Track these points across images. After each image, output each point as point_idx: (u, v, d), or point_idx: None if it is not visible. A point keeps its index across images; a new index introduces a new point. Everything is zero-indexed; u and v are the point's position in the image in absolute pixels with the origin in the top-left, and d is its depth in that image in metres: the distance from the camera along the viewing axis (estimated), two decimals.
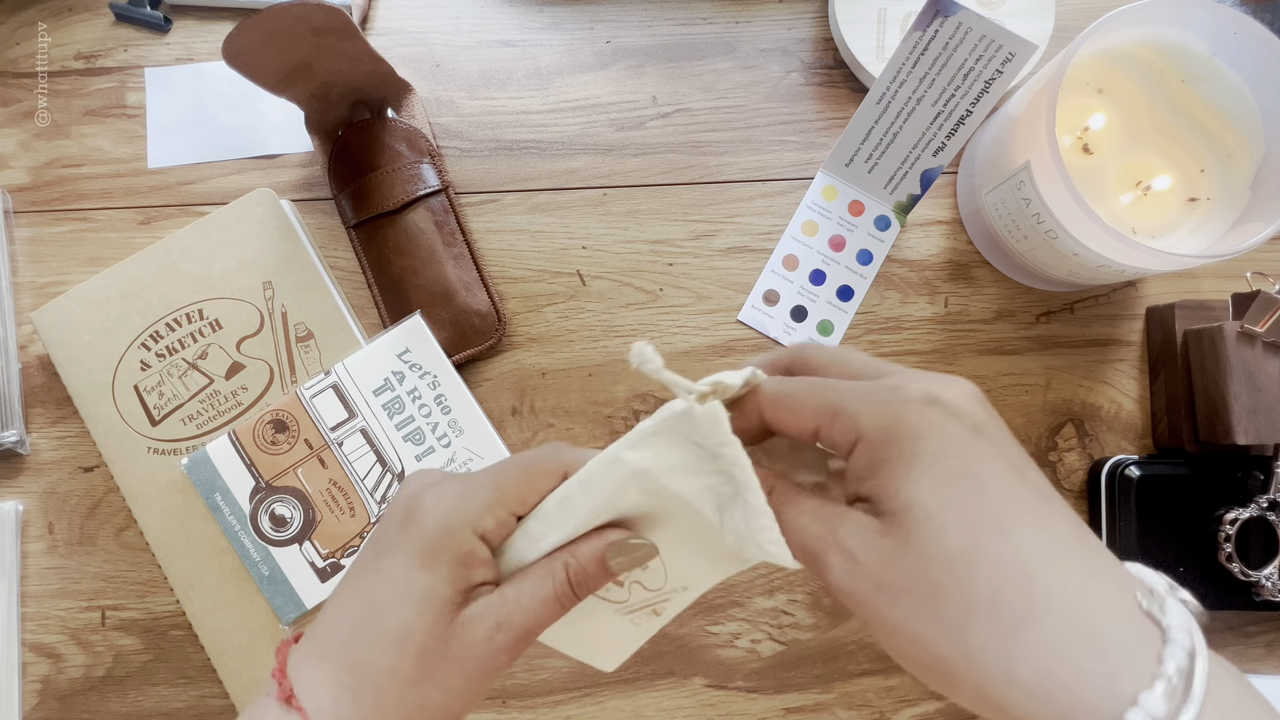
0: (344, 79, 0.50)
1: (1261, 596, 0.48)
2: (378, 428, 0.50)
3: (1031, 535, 0.22)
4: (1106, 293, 0.53)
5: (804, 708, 0.50)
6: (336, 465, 0.49)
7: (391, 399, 0.50)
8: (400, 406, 0.50)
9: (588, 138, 0.54)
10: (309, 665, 0.29)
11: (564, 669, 0.51)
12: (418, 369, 0.50)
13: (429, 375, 0.50)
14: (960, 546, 0.22)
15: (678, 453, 0.28)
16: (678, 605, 0.35)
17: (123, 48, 0.55)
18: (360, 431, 0.50)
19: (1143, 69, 0.47)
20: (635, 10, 0.56)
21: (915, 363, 0.53)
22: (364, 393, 0.50)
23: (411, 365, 0.50)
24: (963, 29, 0.45)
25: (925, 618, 0.22)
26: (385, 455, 0.50)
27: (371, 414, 0.50)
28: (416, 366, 0.50)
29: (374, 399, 0.50)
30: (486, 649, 0.28)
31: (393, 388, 0.50)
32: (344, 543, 0.49)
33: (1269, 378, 0.46)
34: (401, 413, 0.50)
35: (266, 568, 0.49)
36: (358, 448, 0.49)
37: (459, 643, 0.28)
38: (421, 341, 0.50)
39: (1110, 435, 0.52)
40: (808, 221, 0.54)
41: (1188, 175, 0.47)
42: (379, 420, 0.50)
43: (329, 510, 0.49)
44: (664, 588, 0.35)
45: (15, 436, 0.51)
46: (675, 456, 0.28)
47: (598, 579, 0.30)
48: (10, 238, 0.53)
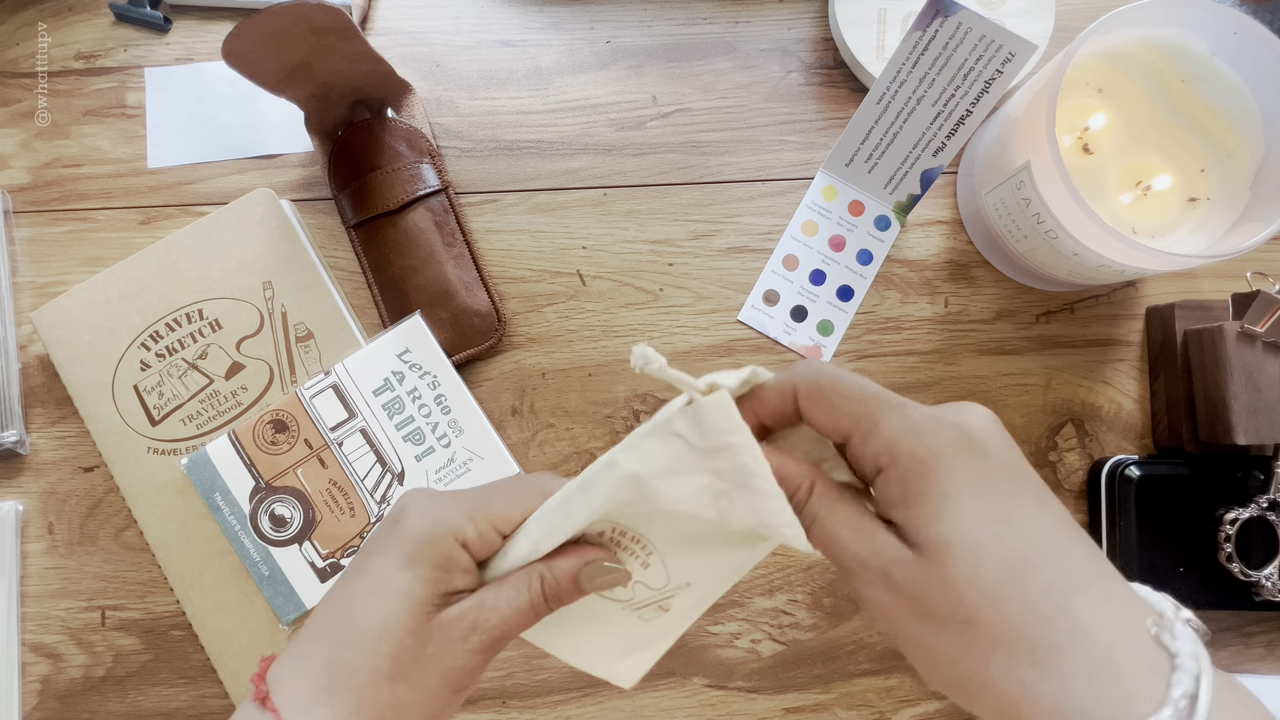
0: (344, 79, 0.50)
1: (1261, 596, 0.47)
2: (377, 428, 0.50)
3: (1056, 571, 0.24)
4: (1106, 293, 0.53)
5: (804, 708, 0.50)
6: (336, 465, 0.49)
7: (391, 399, 0.50)
8: (400, 406, 0.50)
9: (588, 138, 0.54)
10: (291, 667, 0.29)
11: (564, 669, 0.50)
12: (417, 369, 0.50)
13: (429, 375, 0.50)
14: (993, 585, 0.23)
15: (668, 455, 0.29)
16: (686, 605, 0.35)
17: (123, 48, 0.55)
18: (360, 431, 0.50)
19: (1143, 69, 0.47)
20: (635, 10, 0.56)
21: (915, 362, 0.53)
22: (364, 392, 0.50)
23: (411, 365, 0.50)
24: (963, 29, 0.45)
25: (954, 644, 0.24)
26: (385, 455, 0.49)
27: (371, 414, 0.50)
28: (416, 366, 0.50)
29: (374, 399, 0.50)
30: (461, 649, 0.29)
31: (392, 388, 0.50)
32: (344, 543, 0.49)
33: (1269, 378, 0.46)
34: (401, 412, 0.50)
35: (266, 568, 0.48)
36: (357, 448, 0.49)
37: (434, 643, 0.29)
38: (421, 341, 0.50)
39: (1110, 435, 0.52)
40: (808, 221, 0.54)
41: (1188, 175, 0.47)
42: (379, 420, 0.50)
43: (329, 510, 0.49)
44: (667, 585, 0.36)
45: (15, 436, 0.51)
46: (666, 459, 0.29)
47: (570, 594, 0.31)
48: (10, 238, 0.53)
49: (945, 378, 0.53)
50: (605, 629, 0.38)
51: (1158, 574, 0.48)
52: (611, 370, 0.52)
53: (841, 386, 0.26)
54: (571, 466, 0.52)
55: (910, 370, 0.53)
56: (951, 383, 0.53)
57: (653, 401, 0.52)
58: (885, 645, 0.51)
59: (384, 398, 0.50)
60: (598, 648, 0.38)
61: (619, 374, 0.52)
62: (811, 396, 0.27)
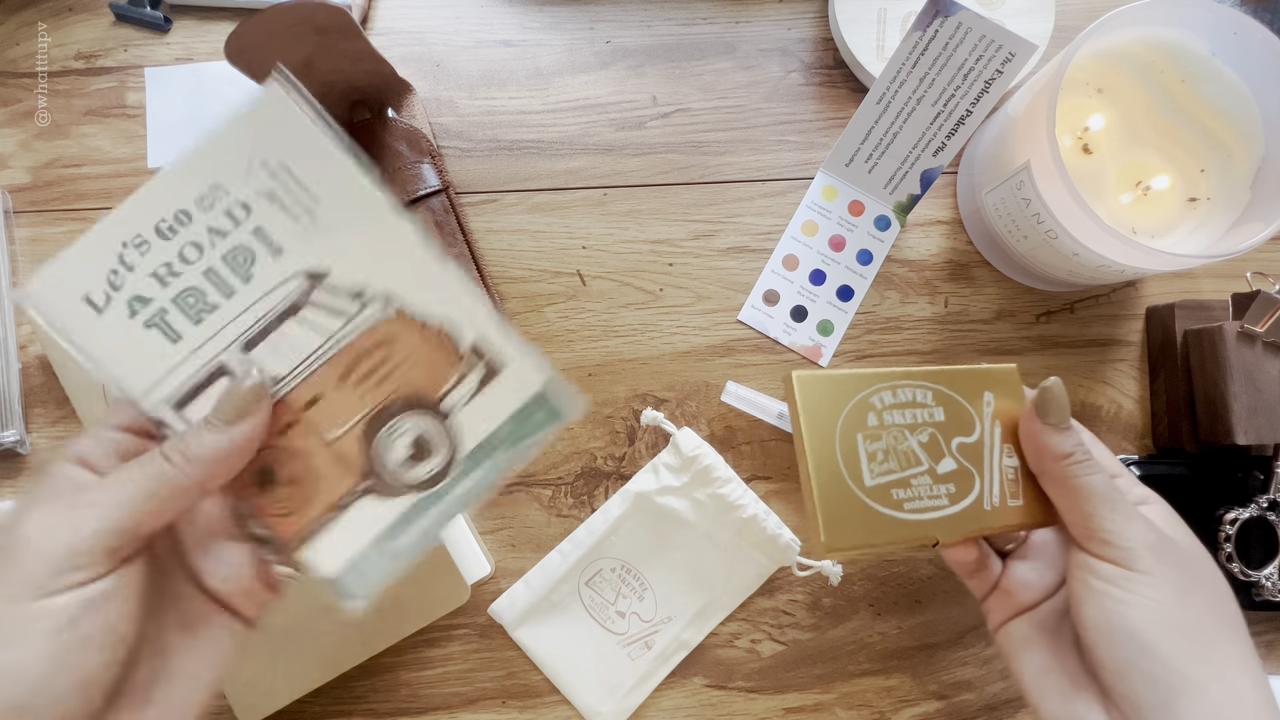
0: (344, 79, 0.50)
1: (1262, 596, 0.48)
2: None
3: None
4: (1106, 293, 0.53)
5: (804, 708, 0.50)
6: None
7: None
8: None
9: (588, 138, 0.54)
10: None
11: None
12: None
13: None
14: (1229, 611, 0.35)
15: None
16: (666, 641, 0.42)
17: (123, 48, 0.55)
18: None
19: (1142, 69, 0.47)
20: (635, 10, 0.56)
21: (915, 362, 0.53)
22: None
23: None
24: (963, 29, 0.45)
25: (1203, 608, 0.33)
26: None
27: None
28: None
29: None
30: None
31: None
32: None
33: (1269, 378, 0.46)
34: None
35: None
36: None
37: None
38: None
39: (1110, 435, 0.52)
40: (808, 221, 0.54)
41: (1187, 175, 0.47)
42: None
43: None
44: (654, 619, 0.43)
45: (15, 436, 0.51)
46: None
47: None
48: (10, 238, 0.53)
49: None
50: (600, 664, 0.45)
51: None
52: (611, 370, 0.52)
53: (1100, 479, 0.35)
54: (571, 466, 0.52)
55: None
56: None
57: (652, 400, 0.52)
58: (885, 645, 0.51)
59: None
60: (589, 684, 0.45)
61: (619, 374, 0.52)
62: (1061, 473, 0.35)
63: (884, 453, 0.35)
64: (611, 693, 0.47)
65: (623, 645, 0.47)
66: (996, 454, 0.36)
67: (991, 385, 0.37)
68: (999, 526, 0.36)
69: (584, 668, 0.47)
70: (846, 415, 0.34)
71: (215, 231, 0.28)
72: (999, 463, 0.36)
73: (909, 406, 0.35)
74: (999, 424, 0.37)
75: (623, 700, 0.47)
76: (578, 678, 0.47)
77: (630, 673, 0.47)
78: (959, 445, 0.36)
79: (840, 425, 0.34)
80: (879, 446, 0.35)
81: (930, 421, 0.36)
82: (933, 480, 0.35)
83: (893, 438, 0.35)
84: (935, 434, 0.36)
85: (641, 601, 0.45)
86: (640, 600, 0.45)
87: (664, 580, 0.48)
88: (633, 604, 0.46)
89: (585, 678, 0.47)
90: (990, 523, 0.36)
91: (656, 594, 0.46)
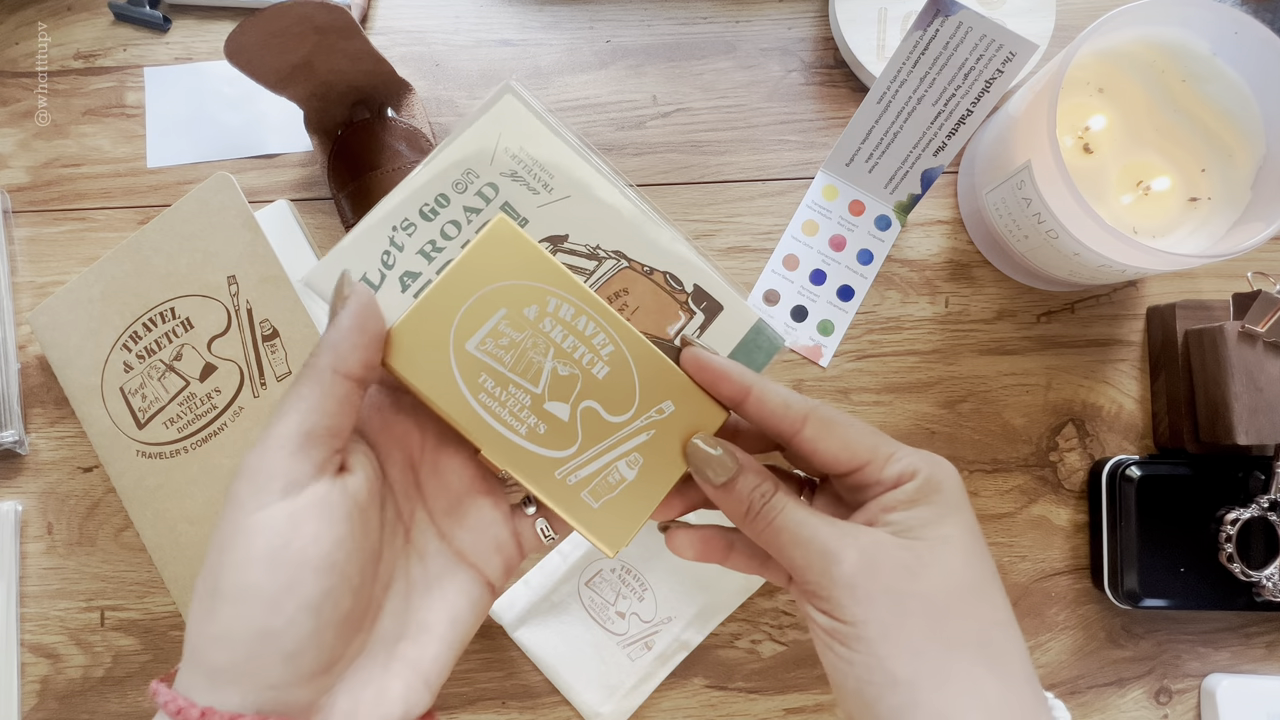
0: (344, 78, 0.50)
1: (1262, 597, 0.47)
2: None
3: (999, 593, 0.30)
4: (1107, 293, 0.53)
5: (804, 708, 0.50)
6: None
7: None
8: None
9: (588, 137, 0.54)
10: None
11: None
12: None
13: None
14: (972, 583, 0.29)
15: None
16: (665, 642, 0.42)
17: (122, 47, 0.55)
18: None
19: (1143, 69, 0.47)
20: (635, 10, 0.56)
21: (916, 362, 0.53)
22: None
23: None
24: (963, 28, 0.45)
25: (922, 634, 0.28)
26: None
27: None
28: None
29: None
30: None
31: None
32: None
33: (1270, 378, 0.46)
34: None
35: None
36: None
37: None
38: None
39: (1111, 435, 0.52)
40: (808, 221, 0.54)
41: (1188, 175, 0.47)
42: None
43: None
44: (654, 619, 0.43)
45: (14, 437, 0.51)
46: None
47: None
48: (9, 237, 0.53)
49: (946, 377, 0.53)
50: (600, 665, 0.45)
51: (1158, 574, 0.48)
52: None
53: (854, 426, 0.31)
54: None
55: (911, 370, 0.53)
56: (952, 383, 0.53)
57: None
58: None
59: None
60: (589, 684, 0.45)
61: None
62: (827, 427, 0.30)
63: (512, 344, 0.30)
64: (611, 693, 0.47)
65: (623, 646, 0.47)
66: (618, 454, 0.31)
67: (679, 399, 0.31)
68: (556, 507, 0.31)
69: (584, 668, 0.47)
70: (514, 287, 0.31)
71: (470, 210, 0.33)
72: (614, 463, 0.31)
73: (580, 339, 0.31)
74: (654, 434, 0.31)
75: (623, 701, 0.47)
76: (578, 678, 0.47)
77: (630, 673, 0.47)
78: (586, 409, 0.31)
79: (497, 287, 0.30)
80: (513, 335, 0.30)
81: (585, 368, 0.31)
82: (531, 406, 0.31)
83: (534, 342, 0.31)
84: (579, 382, 0.31)
85: (641, 602, 0.45)
86: (640, 601, 0.45)
87: (664, 581, 0.48)
88: (633, 605, 0.46)
89: (585, 678, 0.47)
90: (549, 493, 0.31)
91: (656, 595, 0.46)
